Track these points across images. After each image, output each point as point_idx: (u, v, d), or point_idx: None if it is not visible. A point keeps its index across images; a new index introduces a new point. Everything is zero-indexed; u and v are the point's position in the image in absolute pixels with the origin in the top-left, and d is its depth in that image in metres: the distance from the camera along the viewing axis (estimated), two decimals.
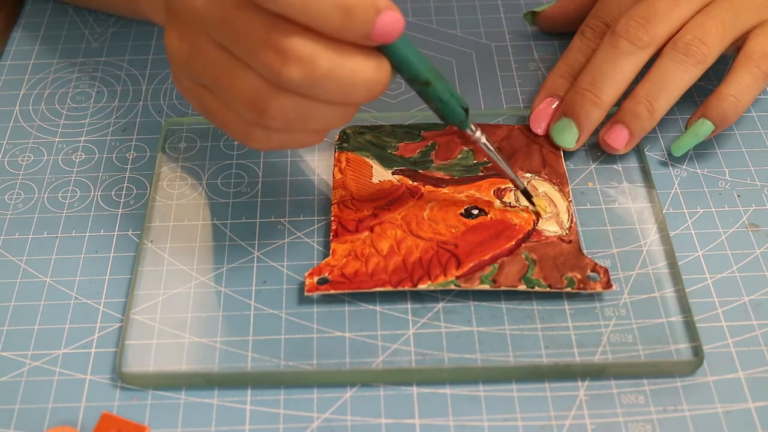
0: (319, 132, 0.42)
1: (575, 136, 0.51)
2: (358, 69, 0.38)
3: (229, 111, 0.41)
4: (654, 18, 0.50)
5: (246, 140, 0.42)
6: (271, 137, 0.41)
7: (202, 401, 0.42)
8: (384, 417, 0.41)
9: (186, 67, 0.41)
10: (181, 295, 0.46)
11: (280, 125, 0.40)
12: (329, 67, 0.37)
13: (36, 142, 0.54)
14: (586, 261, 0.46)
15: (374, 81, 0.38)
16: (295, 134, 0.42)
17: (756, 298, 0.45)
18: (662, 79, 0.49)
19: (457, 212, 0.48)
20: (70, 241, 0.49)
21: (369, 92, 0.39)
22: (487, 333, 0.44)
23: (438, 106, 0.42)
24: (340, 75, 0.38)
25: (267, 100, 0.39)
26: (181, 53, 0.41)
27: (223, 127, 0.42)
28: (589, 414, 0.41)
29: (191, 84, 0.42)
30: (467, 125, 0.44)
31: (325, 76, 0.37)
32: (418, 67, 0.40)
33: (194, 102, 0.43)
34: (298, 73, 0.37)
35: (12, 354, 0.44)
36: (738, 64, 0.50)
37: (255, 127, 0.41)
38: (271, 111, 0.39)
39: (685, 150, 0.51)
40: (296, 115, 0.39)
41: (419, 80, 0.41)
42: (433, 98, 0.42)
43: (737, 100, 0.49)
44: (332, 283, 0.45)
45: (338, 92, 0.38)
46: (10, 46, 0.61)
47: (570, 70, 0.53)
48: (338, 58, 0.37)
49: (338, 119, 0.41)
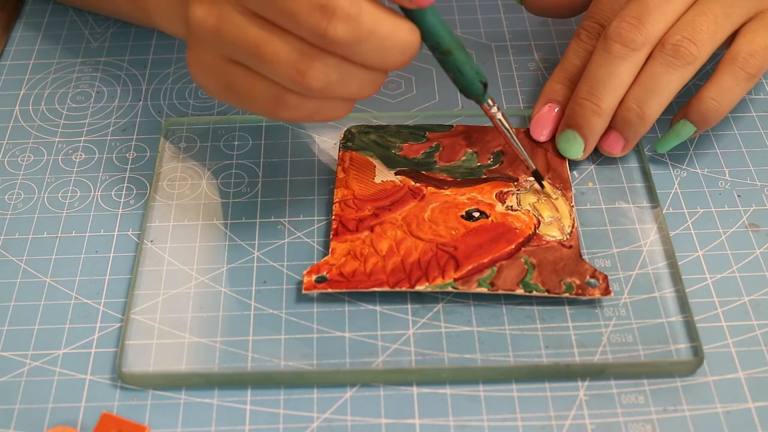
0: (348, 102, 0.43)
1: (581, 147, 0.50)
2: (396, 30, 0.40)
3: (259, 82, 0.41)
4: (647, 17, 0.48)
5: (276, 109, 0.42)
6: (303, 104, 0.42)
7: (202, 401, 0.42)
8: (384, 417, 0.41)
9: (214, 41, 0.41)
10: (181, 295, 0.46)
11: (320, 86, 0.40)
12: (372, 25, 0.39)
13: (36, 142, 0.54)
14: (586, 267, 0.46)
15: (409, 43, 0.40)
16: (327, 102, 0.42)
17: (756, 298, 0.45)
18: (652, 82, 0.48)
19: (458, 214, 0.48)
20: (70, 241, 0.49)
21: (403, 55, 0.40)
22: (487, 333, 0.44)
23: (457, 77, 0.44)
24: (380, 34, 0.39)
25: (309, 61, 0.39)
26: (207, 26, 0.41)
27: (250, 101, 0.42)
28: (589, 414, 0.41)
29: (216, 60, 0.42)
30: (484, 99, 0.46)
31: (368, 35, 0.39)
32: (443, 35, 0.42)
33: (214, 82, 0.43)
34: (344, 31, 0.38)
35: (12, 354, 0.44)
36: (722, 65, 0.49)
37: (289, 94, 0.41)
38: (313, 71, 0.40)
39: (668, 148, 0.51)
40: (336, 77, 0.40)
41: (441, 48, 0.43)
42: (453, 68, 0.44)
43: (717, 104, 0.49)
44: (330, 282, 0.45)
45: (377, 53, 0.40)
46: (10, 46, 0.61)
47: (567, 74, 0.52)
48: (379, 17, 0.39)
49: (371, 85, 0.42)
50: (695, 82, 0.54)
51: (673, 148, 0.51)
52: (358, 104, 0.55)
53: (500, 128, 0.47)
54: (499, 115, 0.47)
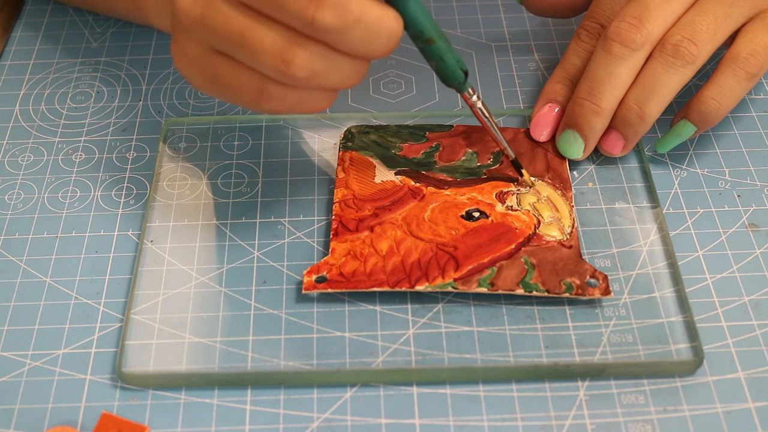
0: (331, 92, 0.43)
1: (581, 147, 0.50)
2: (382, 17, 0.40)
3: (242, 73, 0.41)
4: (647, 16, 0.48)
5: (260, 101, 0.42)
6: (288, 95, 0.42)
7: (202, 401, 0.42)
8: (384, 417, 0.41)
9: (199, 30, 0.41)
10: (181, 295, 0.46)
11: (304, 76, 0.40)
12: (359, 12, 0.39)
13: (36, 142, 0.54)
14: (586, 267, 0.46)
15: (393, 32, 0.40)
16: (311, 93, 0.42)
17: (756, 298, 0.45)
18: (652, 83, 0.48)
19: (458, 214, 0.48)
20: (70, 241, 0.49)
21: (388, 42, 0.40)
22: (487, 333, 0.44)
23: (439, 66, 0.44)
24: (367, 21, 0.39)
25: (294, 49, 0.39)
26: (193, 15, 0.41)
27: (234, 93, 0.42)
28: (589, 414, 0.41)
29: (200, 50, 0.42)
30: (465, 88, 0.46)
31: (355, 22, 0.39)
32: (426, 24, 0.42)
33: (198, 73, 0.43)
34: (332, 17, 0.38)
35: (12, 354, 0.44)
36: (722, 65, 0.49)
37: (273, 85, 0.41)
38: (297, 60, 0.40)
39: (669, 148, 0.51)
40: (320, 66, 0.40)
41: (424, 37, 0.43)
42: (435, 57, 0.44)
43: (718, 103, 0.49)
44: (330, 282, 0.45)
45: (363, 41, 0.40)
46: (10, 46, 0.61)
47: (567, 74, 0.52)
48: (366, 4, 0.39)
49: (355, 75, 0.42)
50: (695, 82, 0.54)
51: (673, 148, 0.51)
52: (358, 104, 0.56)
53: (480, 117, 0.48)
54: (479, 104, 0.47)
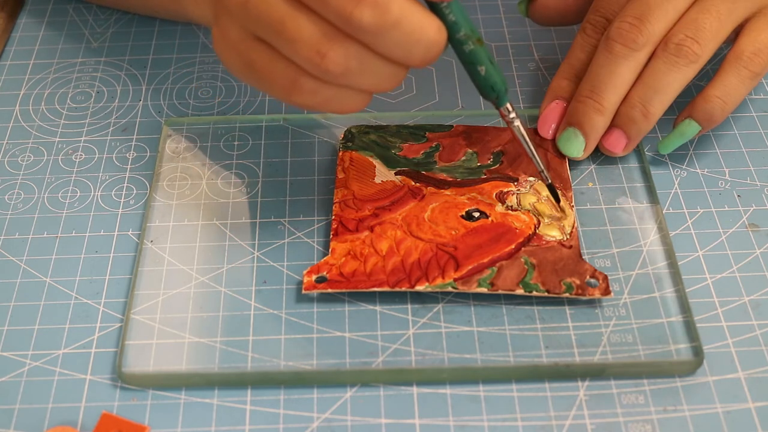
0: (365, 94, 0.42)
1: (582, 145, 0.50)
2: (424, 26, 0.39)
3: (278, 62, 0.41)
4: (648, 16, 0.48)
5: (292, 92, 0.41)
6: (320, 90, 0.41)
7: (202, 401, 0.42)
8: (384, 417, 0.41)
9: (241, 14, 0.41)
10: (181, 295, 0.46)
11: (338, 72, 0.40)
12: (399, 15, 0.38)
13: (36, 142, 0.54)
14: (586, 267, 0.46)
15: (434, 42, 0.39)
16: (343, 92, 0.42)
17: (756, 298, 0.45)
18: (655, 81, 0.48)
19: (458, 214, 0.48)
20: (70, 241, 0.49)
21: (426, 53, 0.40)
22: (487, 333, 0.44)
23: (487, 69, 0.43)
24: (407, 27, 0.38)
25: (330, 43, 0.39)
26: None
27: (268, 81, 0.42)
28: (589, 414, 0.41)
29: (241, 35, 0.41)
30: (506, 100, 0.45)
31: (393, 25, 0.38)
32: (471, 25, 0.42)
33: (236, 58, 0.42)
34: (370, 16, 0.38)
35: (12, 354, 0.44)
36: (726, 64, 0.49)
37: (307, 78, 0.41)
38: (333, 54, 0.39)
39: (672, 149, 0.51)
40: (355, 65, 0.40)
41: (474, 36, 0.42)
42: (484, 60, 0.43)
43: (723, 102, 0.49)
44: (330, 282, 0.45)
45: (400, 46, 0.39)
46: (10, 46, 0.61)
47: (573, 70, 0.52)
48: (408, 9, 0.38)
49: (390, 80, 0.41)
50: (695, 82, 0.54)
51: (675, 148, 0.51)
52: None
53: (516, 136, 0.46)
54: (517, 122, 0.46)
